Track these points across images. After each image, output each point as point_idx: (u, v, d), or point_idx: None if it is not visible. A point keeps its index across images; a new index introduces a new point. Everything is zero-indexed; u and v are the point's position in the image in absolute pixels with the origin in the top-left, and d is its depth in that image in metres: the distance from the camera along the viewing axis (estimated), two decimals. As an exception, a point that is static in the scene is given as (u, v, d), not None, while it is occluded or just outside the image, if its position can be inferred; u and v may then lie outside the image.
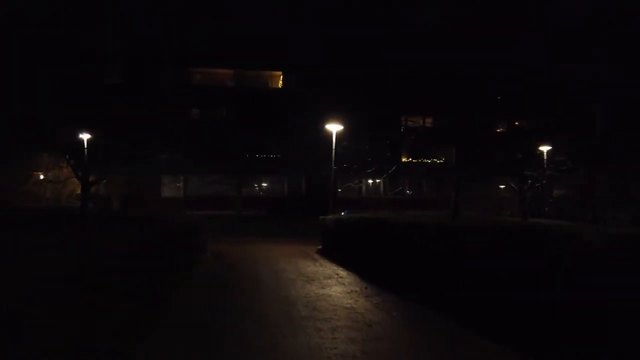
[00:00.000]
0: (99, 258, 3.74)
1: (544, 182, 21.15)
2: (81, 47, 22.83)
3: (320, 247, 15.03)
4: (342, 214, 18.06)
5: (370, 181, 37.95)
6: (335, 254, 12.25)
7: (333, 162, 15.64)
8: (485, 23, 24.32)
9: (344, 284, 8.17)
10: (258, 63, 33.00)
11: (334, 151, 15.55)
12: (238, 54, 31.76)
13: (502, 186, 34.87)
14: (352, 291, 7.43)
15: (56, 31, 21.65)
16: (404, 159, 35.98)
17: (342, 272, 9.64)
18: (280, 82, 34.87)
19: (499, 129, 37.50)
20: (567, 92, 23.74)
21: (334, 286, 7.93)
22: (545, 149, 23.39)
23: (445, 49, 26.97)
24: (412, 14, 31.81)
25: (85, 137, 21.09)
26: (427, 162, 35.55)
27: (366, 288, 7.72)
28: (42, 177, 24.63)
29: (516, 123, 39.09)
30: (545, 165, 21.98)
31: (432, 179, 35.25)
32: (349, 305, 6.29)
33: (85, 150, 18.81)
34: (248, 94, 30.96)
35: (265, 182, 34.84)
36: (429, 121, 38.28)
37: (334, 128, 15.71)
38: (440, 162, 36.46)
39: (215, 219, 26.00)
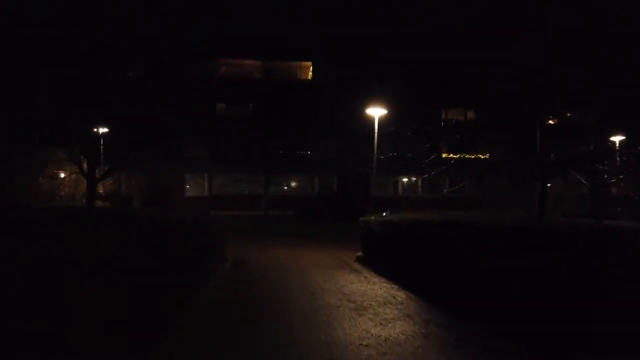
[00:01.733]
0: None
1: (621, 177, 17.94)
2: (101, 40, 21.21)
3: (359, 254, 12.60)
4: (384, 214, 15.56)
5: (404, 180, 35.29)
6: (382, 264, 9.78)
7: (375, 153, 13.14)
8: (490, 22, 21.75)
9: (410, 316, 5.69)
10: (287, 53, 30.87)
11: (376, 140, 13.06)
12: (266, 44, 29.76)
13: (548, 185, 31.50)
14: (430, 333, 4.93)
15: (75, 24, 20.08)
16: (444, 155, 33.11)
17: (400, 294, 7.15)
18: (310, 73, 32.57)
19: (552, 120, 34.09)
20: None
21: (397, 320, 5.46)
22: (617, 139, 20.17)
23: (449, 49, 24.58)
24: (412, 14, 29.30)
25: (100, 131, 19.45)
26: (471, 158, 32.43)
27: (446, 326, 5.20)
28: (62, 175, 23.27)
29: (568, 114, 35.75)
30: (618, 158, 18.74)
31: (474, 177, 32.17)
32: (438, 368, 3.81)
33: (96, 144, 17.03)
34: (276, 87, 28.82)
35: (294, 181, 32.60)
36: (470, 114, 35.39)
37: (376, 113, 13.20)
38: (484, 159, 33.35)
39: (241, 220, 24.03)
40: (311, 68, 32.40)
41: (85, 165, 16.59)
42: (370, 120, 13.66)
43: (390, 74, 28.05)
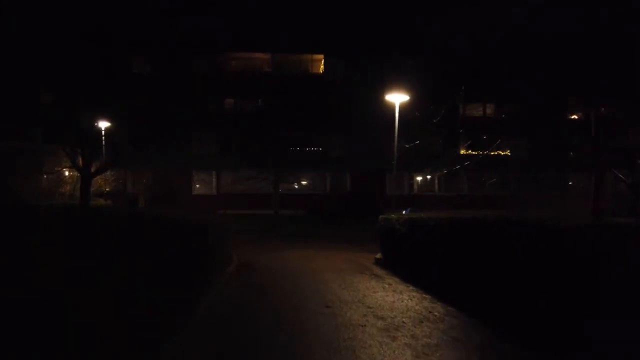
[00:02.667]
0: None
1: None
2: (108, 33, 20.29)
3: (379, 256, 11.32)
4: (404, 212, 14.27)
5: (419, 178, 33.80)
6: (407, 268, 8.50)
7: (395, 143, 11.78)
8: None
9: (458, 340, 4.39)
10: (298, 45, 29.62)
11: (396, 129, 11.71)
12: (276, 36, 28.59)
13: (570, 183, 30.05)
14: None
15: (81, 17, 19.18)
16: (462, 152, 31.64)
17: (436, 307, 5.85)
18: (322, 66, 31.29)
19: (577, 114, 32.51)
20: None
21: (444, 347, 4.16)
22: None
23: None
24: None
25: (99, 124, 18.48)
26: (492, 154, 30.85)
27: (515, 356, 3.89)
28: (67, 172, 22.38)
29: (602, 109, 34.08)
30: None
31: (494, 174, 30.63)
32: None
33: (92, 136, 16.00)
34: (286, 81, 27.63)
35: (305, 179, 31.32)
36: (490, 107, 33.85)
37: (396, 99, 11.87)
38: (505, 154, 31.77)
39: (250, 219, 22.87)
40: (323, 61, 31.12)
41: (81, 160, 15.54)
42: (389, 110, 12.40)
43: (406, 66, 26.73)
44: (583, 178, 29.09)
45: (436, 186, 32.82)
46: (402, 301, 6.28)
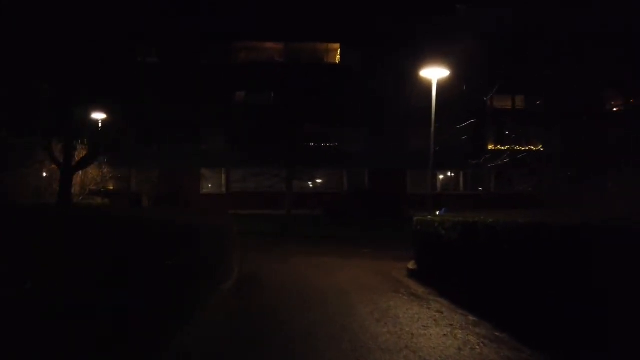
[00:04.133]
0: None
1: None
2: (110, 20, 18.63)
3: (411, 266, 9.28)
4: (438, 213, 12.19)
5: (441, 177, 31.53)
6: (458, 287, 6.44)
7: (432, 130, 9.66)
8: None
9: None
10: (312, 34, 27.61)
11: (433, 112, 9.58)
12: (288, 25, 26.68)
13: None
14: None
15: (83, 8, 17.59)
16: (490, 147, 29.35)
17: (525, 357, 3.76)
18: (338, 56, 29.23)
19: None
20: None
21: None
22: None
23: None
24: None
25: (100, 117, 16.84)
26: (521, 149, 28.45)
27: None
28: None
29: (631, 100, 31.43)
30: None
31: (530, 171, 28.25)
32: None
33: (74, 126, 14.27)
34: (300, 72, 25.61)
35: (320, 177, 29.26)
36: (519, 100, 31.40)
37: (434, 74, 9.73)
38: (537, 150, 29.30)
39: (260, 220, 21.02)
40: (339, 50, 29.06)
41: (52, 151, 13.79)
42: (413, 100, 10.42)
43: (426, 54, 24.57)
44: (619, 178, 26.58)
45: (461, 184, 30.50)
46: (472, 348, 4.20)
